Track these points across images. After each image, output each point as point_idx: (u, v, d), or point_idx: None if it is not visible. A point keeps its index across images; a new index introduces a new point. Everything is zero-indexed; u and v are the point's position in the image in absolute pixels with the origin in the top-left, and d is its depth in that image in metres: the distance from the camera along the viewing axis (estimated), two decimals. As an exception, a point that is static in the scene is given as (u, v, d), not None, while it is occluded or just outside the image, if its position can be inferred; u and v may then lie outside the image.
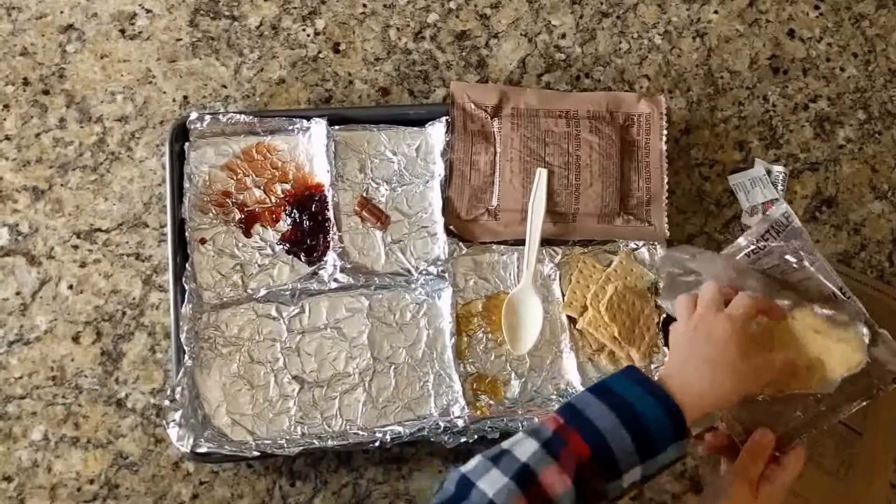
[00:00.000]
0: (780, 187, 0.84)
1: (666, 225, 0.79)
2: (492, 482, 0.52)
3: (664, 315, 0.76)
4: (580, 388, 0.74)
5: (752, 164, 0.85)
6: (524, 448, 0.54)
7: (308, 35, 0.84)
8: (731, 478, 0.63)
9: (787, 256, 0.71)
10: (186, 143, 0.76)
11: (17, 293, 0.75)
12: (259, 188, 0.77)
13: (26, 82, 0.80)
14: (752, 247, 0.71)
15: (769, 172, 0.84)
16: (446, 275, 0.75)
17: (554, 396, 0.74)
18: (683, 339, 0.61)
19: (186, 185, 0.75)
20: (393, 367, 0.74)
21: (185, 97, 0.81)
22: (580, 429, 0.54)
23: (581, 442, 0.54)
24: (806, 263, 0.70)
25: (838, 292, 0.69)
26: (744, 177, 0.84)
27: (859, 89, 0.89)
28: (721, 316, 0.60)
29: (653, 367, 0.75)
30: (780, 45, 0.89)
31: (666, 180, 0.80)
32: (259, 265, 0.75)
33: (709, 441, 0.67)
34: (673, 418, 0.56)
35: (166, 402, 0.69)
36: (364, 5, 0.86)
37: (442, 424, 0.71)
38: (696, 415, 0.57)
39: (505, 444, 0.55)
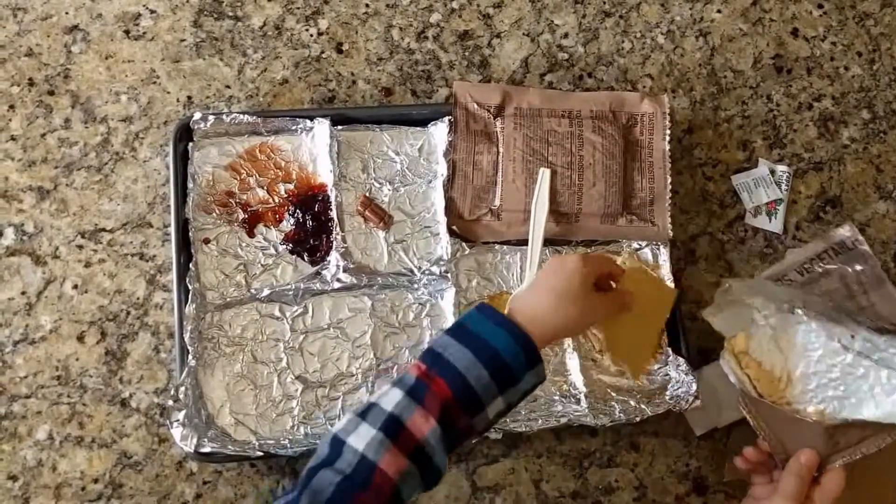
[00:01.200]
0: (783, 187, 0.83)
1: (669, 225, 0.79)
2: (361, 436, 0.54)
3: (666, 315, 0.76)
4: (583, 389, 0.74)
5: (756, 164, 0.85)
6: (389, 398, 0.56)
7: (311, 35, 0.85)
8: (779, 502, 0.62)
9: (848, 281, 0.70)
10: (190, 144, 0.76)
11: (23, 293, 0.75)
12: (262, 188, 0.77)
13: (32, 83, 0.81)
14: (807, 264, 0.69)
15: (773, 172, 0.84)
16: (449, 275, 0.75)
17: (557, 397, 0.74)
18: (542, 276, 0.65)
19: (190, 185, 0.75)
20: (396, 367, 0.74)
21: (189, 97, 0.81)
22: (441, 372, 0.57)
23: (443, 384, 0.56)
24: (869, 290, 0.69)
25: None
26: (747, 177, 0.84)
27: (864, 88, 0.88)
28: (574, 255, 0.65)
29: (656, 367, 0.75)
30: (783, 45, 0.89)
31: (669, 180, 0.80)
32: (262, 265, 0.75)
33: (747, 455, 0.67)
34: (524, 348, 0.58)
35: (170, 402, 0.69)
36: (367, 5, 0.86)
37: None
38: (546, 341, 0.60)
39: (372, 398, 0.57)
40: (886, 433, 0.64)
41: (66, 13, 0.83)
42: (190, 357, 0.71)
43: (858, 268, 0.68)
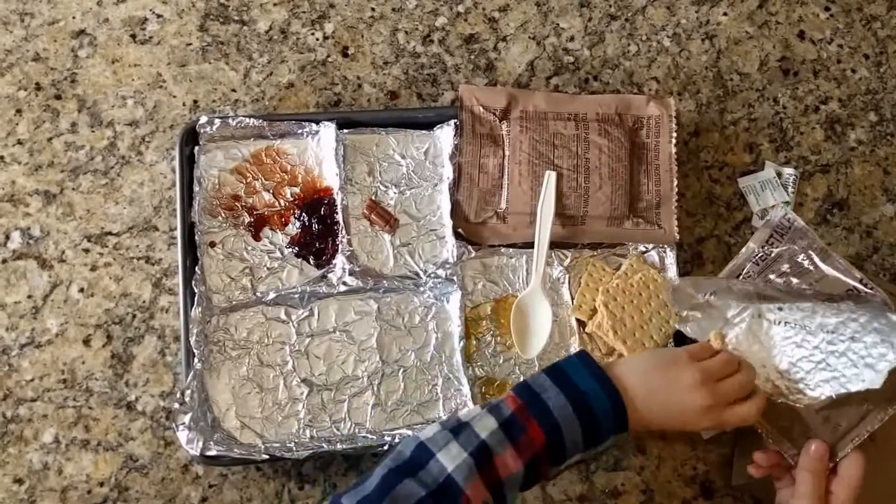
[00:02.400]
0: (790, 190, 0.83)
1: (676, 228, 0.79)
2: (452, 456, 0.53)
3: (675, 316, 0.75)
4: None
5: (763, 167, 0.84)
6: (484, 424, 0.55)
7: (317, 39, 0.85)
8: (799, 503, 0.61)
9: (798, 258, 0.71)
10: (196, 147, 0.77)
11: (29, 296, 0.75)
12: (268, 192, 0.77)
13: (38, 87, 0.81)
14: (759, 253, 0.70)
15: (779, 175, 0.84)
16: (455, 278, 0.75)
17: (563, 400, 0.74)
18: (664, 370, 0.61)
19: (196, 188, 0.75)
20: (402, 370, 0.74)
21: (195, 101, 0.82)
22: (538, 416, 0.56)
23: (538, 429, 0.55)
24: (818, 262, 0.70)
25: (860, 285, 0.68)
26: (754, 179, 0.84)
27: (871, 91, 0.88)
28: (709, 387, 0.60)
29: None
30: (790, 47, 0.89)
31: (675, 183, 0.80)
32: (268, 268, 0.75)
33: (759, 461, 0.65)
34: (618, 413, 0.58)
35: (176, 405, 0.69)
36: (372, 9, 0.86)
37: (451, 428, 0.71)
38: (634, 426, 0.59)
39: (463, 416, 0.56)
40: (884, 405, 0.63)
41: (73, 18, 0.83)
42: (196, 360, 0.71)
43: (803, 243, 0.69)
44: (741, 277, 0.74)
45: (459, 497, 0.52)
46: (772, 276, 0.72)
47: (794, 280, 0.71)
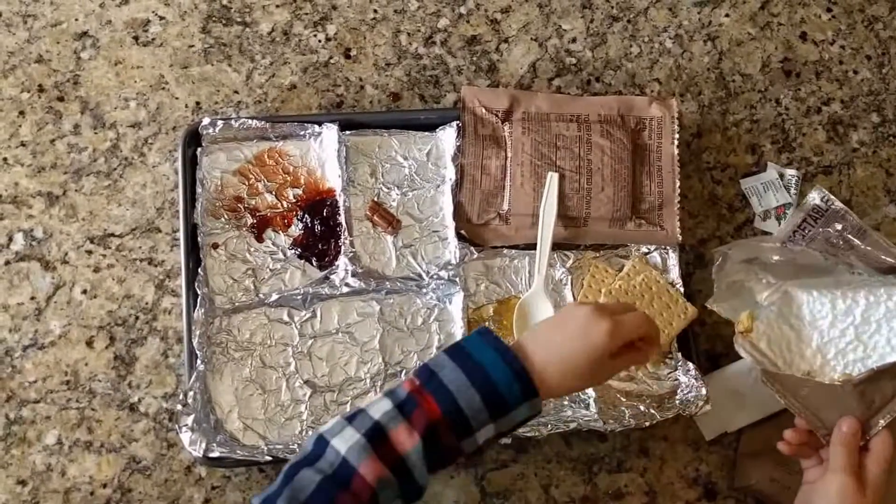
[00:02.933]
0: (793, 191, 0.83)
1: (678, 229, 0.79)
2: (345, 439, 0.55)
3: (681, 318, 0.75)
4: (592, 394, 0.73)
5: (765, 168, 0.84)
6: (378, 407, 0.56)
7: (319, 41, 0.85)
8: (833, 476, 0.61)
9: (833, 241, 0.71)
10: (199, 149, 0.77)
11: (32, 298, 0.76)
12: (271, 193, 0.77)
13: (41, 89, 0.81)
14: (790, 237, 0.70)
15: (782, 176, 0.84)
16: (457, 279, 0.75)
17: (566, 402, 0.74)
18: (562, 321, 0.61)
19: (199, 190, 0.75)
20: (404, 371, 0.74)
21: (198, 103, 0.82)
22: (433, 391, 0.57)
23: (433, 402, 0.56)
24: (857, 242, 0.70)
25: None
26: (756, 180, 0.84)
27: (873, 92, 0.88)
28: (604, 327, 0.59)
29: (666, 371, 0.75)
30: (792, 48, 0.89)
31: (678, 184, 0.80)
32: (271, 270, 0.75)
33: (790, 438, 0.65)
34: (520, 379, 0.57)
35: (179, 407, 0.69)
36: (375, 11, 0.86)
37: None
38: (549, 390, 0.58)
39: (362, 405, 0.58)
40: None
41: (76, 20, 0.83)
42: (198, 362, 0.71)
43: (838, 227, 0.70)
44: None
45: (352, 476, 0.54)
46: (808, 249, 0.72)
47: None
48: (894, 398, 0.64)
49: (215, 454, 0.68)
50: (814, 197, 0.71)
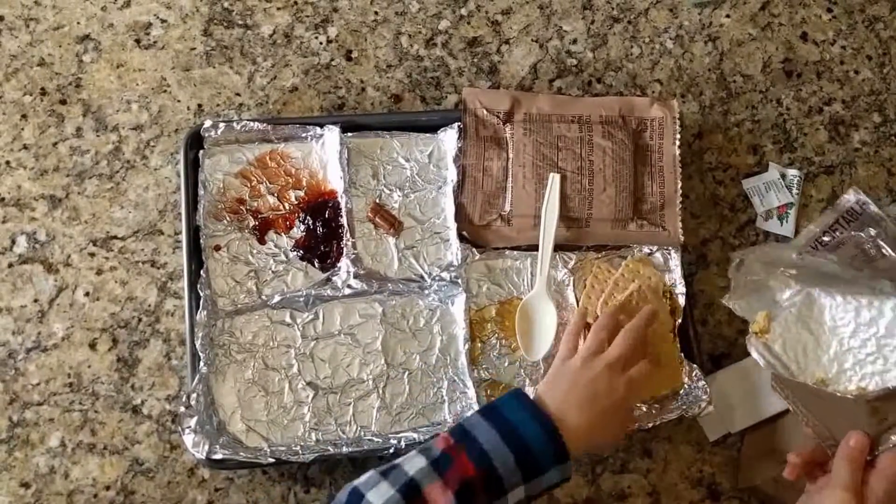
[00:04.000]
0: (794, 191, 0.83)
1: (680, 229, 0.79)
2: (380, 494, 0.55)
3: (678, 321, 0.75)
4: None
5: (767, 168, 0.84)
6: (413, 463, 0.57)
7: (321, 43, 0.85)
8: (831, 493, 0.59)
9: (866, 247, 0.68)
10: (201, 151, 0.77)
11: (35, 300, 0.76)
12: (273, 195, 0.77)
13: (44, 92, 0.81)
14: (821, 238, 0.67)
15: (783, 176, 0.84)
16: (459, 280, 0.75)
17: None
18: (579, 379, 0.64)
19: (201, 192, 0.75)
20: (407, 373, 0.74)
21: (200, 105, 0.82)
22: (467, 449, 0.57)
23: (467, 461, 0.57)
24: (890, 252, 0.67)
25: None
26: (758, 181, 0.84)
27: (874, 92, 0.88)
28: (622, 381, 0.64)
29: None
30: (793, 49, 0.89)
31: (679, 185, 0.80)
32: (273, 272, 0.75)
33: (793, 461, 0.63)
34: (554, 442, 0.59)
35: (181, 409, 0.69)
36: (376, 13, 0.86)
37: (456, 430, 0.71)
38: (576, 448, 0.60)
39: (397, 460, 0.58)
40: None
41: (78, 23, 0.83)
42: (201, 364, 0.71)
43: (872, 231, 0.67)
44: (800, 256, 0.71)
45: None
46: (829, 258, 0.69)
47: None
48: None
49: (218, 456, 0.68)
50: (849, 199, 0.68)
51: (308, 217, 0.76)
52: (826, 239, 0.67)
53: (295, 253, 0.76)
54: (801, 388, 0.64)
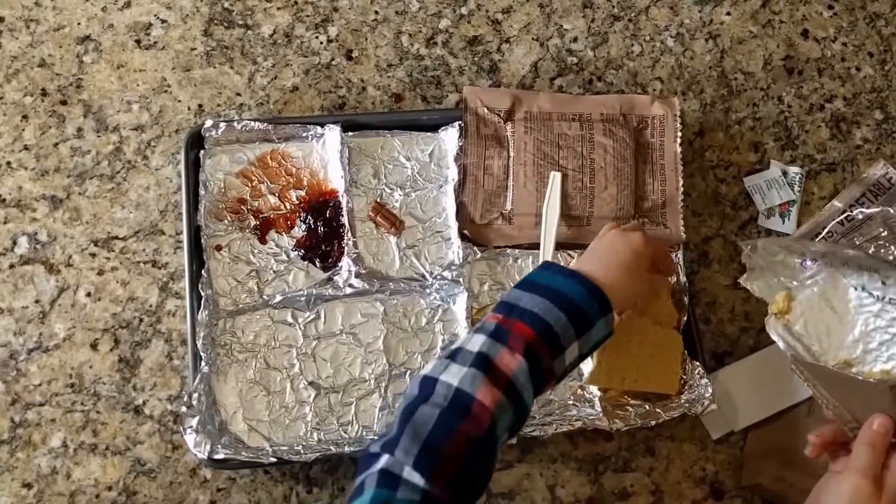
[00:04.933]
0: (796, 188, 0.83)
1: (682, 227, 0.79)
2: (454, 373, 0.56)
3: (684, 317, 0.75)
4: (598, 393, 0.73)
5: (768, 166, 0.84)
6: (474, 342, 0.58)
7: (321, 42, 0.85)
8: (847, 476, 0.57)
9: (891, 221, 0.64)
10: (202, 151, 0.77)
11: (36, 301, 0.76)
12: (274, 195, 0.77)
13: (44, 93, 0.81)
14: (846, 213, 0.63)
15: (785, 174, 0.84)
16: (461, 279, 0.75)
17: (571, 401, 0.73)
18: (605, 245, 0.69)
19: (202, 192, 0.75)
20: (409, 372, 0.74)
21: (200, 105, 0.82)
22: (520, 317, 0.59)
23: (524, 326, 0.59)
24: None
25: None
26: (760, 178, 0.84)
27: (875, 89, 0.88)
28: (639, 234, 0.68)
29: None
30: (794, 46, 0.88)
31: (681, 182, 0.80)
32: (274, 271, 0.75)
33: (814, 441, 0.61)
34: (596, 296, 0.62)
35: (183, 409, 0.69)
36: (376, 12, 0.86)
37: (458, 429, 0.71)
38: (614, 300, 0.63)
39: (456, 344, 0.59)
40: None
41: (78, 24, 0.84)
42: (203, 363, 0.71)
43: None
44: (820, 239, 0.69)
45: (471, 403, 0.55)
46: (859, 241, 0.66)
47: (889, 248, 0.65)
48: None
49: (220, 456, 0.68)
50: (875, 173, 0.64)
51: (309, 216, 0.76)
52: (853, 213, 0.63)
53: (296, 252, 0.76)
54: (822, 370, 0.61)
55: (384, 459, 0.53)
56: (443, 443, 0.53)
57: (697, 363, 0.74)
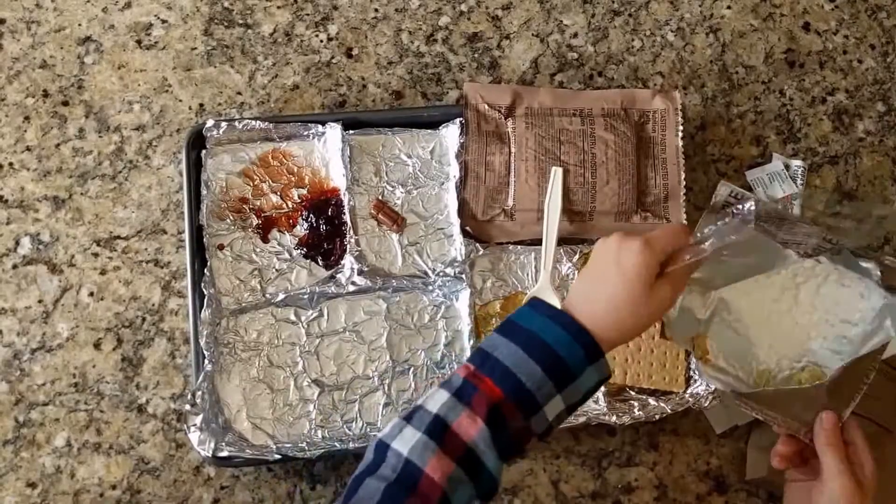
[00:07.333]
0: (798, 182, 0.83)
1: (684, 221, 0.79)
2: (406, 440, 0.51)
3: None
4: (601, 388, 0.73)
5: (770, 159, 0.84)
6: (435, 400, 0.53)
7: (321, 41, 0.85)
8: (831, 484, 0.59)
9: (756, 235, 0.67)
10: (203, 151, 0.77)
11: (40, 301, 0.76)
12: (276, 193, 0.77)
13: (46, 94, 0.81)
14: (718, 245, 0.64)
15: (787, 167, 0.83)
16: (463, 276, 0.75)
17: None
18: (600, 267, 0.57)
19: (204, 191, 0.76)
20: (412, 369, 0.74)
21: (201, 105, 0.82)
22: (490, 371, 0.53)
23: (492, 383, 0.52)
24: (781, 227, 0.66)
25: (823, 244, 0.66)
26: (762, 172, 0.83)
27: (878, 81, 0.87)
28: (637, 243, 0.56)
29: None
30: (795, 39, 0.88)
31: (683, 177, 0.80)
32: (277, 270, 0.75)
33: (779, 453, 0.63)
34: (580, 341, 0.54)
35: (187, 407, 0.69)
36: (376, 10, 0.86)
37: (462, 426, 0.71)
38: (611, 342, 0.55)
39: (419, 401, 0.54)
40: (866, 365, 0.62)
41: (79, 25, 0.84)
42: (206, 362, 0.71)
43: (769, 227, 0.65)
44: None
45: (419, 477, 0.50)
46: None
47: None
48: (859, 385, 0.62)
49: (224, 454, 0.68)
50: (722, 194, 0.68)
51: (311, 215, 0.76)
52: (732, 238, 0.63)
53: (298, 251, 0.76)
54: (762, 395, 0.65)
55: None
56: None
57: (701, 357, 0.74)
